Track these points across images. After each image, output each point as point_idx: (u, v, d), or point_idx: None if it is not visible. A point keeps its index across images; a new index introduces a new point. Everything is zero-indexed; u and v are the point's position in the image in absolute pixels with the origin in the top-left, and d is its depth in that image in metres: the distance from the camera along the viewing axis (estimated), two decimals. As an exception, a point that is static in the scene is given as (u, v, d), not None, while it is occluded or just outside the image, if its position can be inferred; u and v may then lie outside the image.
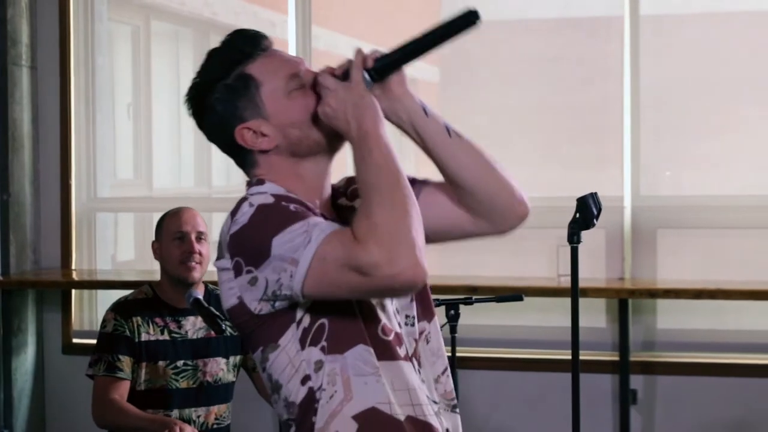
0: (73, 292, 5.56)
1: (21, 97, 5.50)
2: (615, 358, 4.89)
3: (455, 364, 4.11)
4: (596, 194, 3.54)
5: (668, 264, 5.02)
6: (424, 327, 2.24)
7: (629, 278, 5.00)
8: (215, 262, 2.15)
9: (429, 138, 2.22)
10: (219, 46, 2.22)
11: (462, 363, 4.26)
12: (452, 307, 4.07)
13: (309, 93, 2.17)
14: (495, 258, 5.05)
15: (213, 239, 3.97)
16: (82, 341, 5.50)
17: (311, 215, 2.05)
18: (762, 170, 5.01)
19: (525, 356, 5.06)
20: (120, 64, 6.02)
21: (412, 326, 2.21)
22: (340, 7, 5.91)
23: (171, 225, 4.07)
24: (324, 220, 2.05)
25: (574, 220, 3.54)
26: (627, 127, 5.03)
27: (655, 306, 5.00)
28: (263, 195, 2.10)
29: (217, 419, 4.08)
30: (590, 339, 4.77)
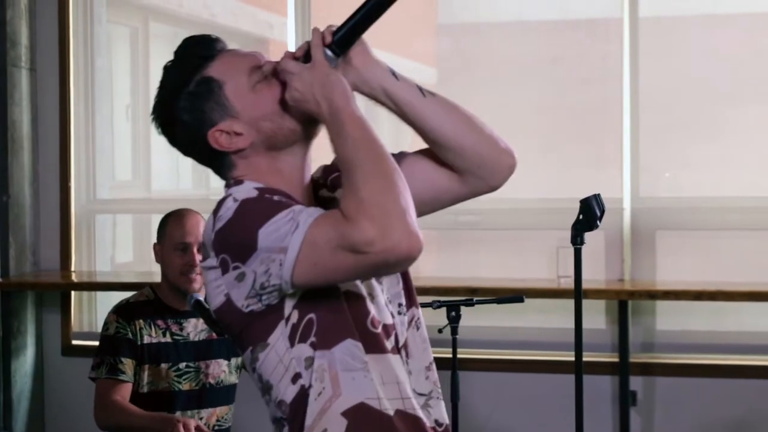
0: (72, 293, 5.55)
1: (20, 99, 5.50)
2: (615, 360, 4.89)
3: (456, 365, 4.12)
4: (599, 196, 3.54)
5: (667, 265, 5.02)
6: (414, 313, 2.21)
7: (629, 279, 5.00)
8: (201, 263, 2.12)
9: (403, 101, 2.18)
10: (173, 58, 2.18)
11: (462, 364, 4.26)
12: (453, 308, 4.07)
13: (274, 82, 2.13)
14: (495, 259, 5.06)
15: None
16: (81, 343, 5.50)
17: (294, 204, 2.01)
18: (761, 171, 5.01)
19: (525, 358, 5.06)
20: (118, 66, 6.01)
21: (403, 315, 2.18)
22: (340, 9, 5.90)
23: (174, 233, 4.05)
24: (309, 208, 2.00)
25: (577, 222, 3.54)
26: (626, 129, 5.03)
27: (655, 307, 5.00)
28: (246, 189, 2.06)
29: (218, 421, 4.08)
30: (590, 340, 4.74)
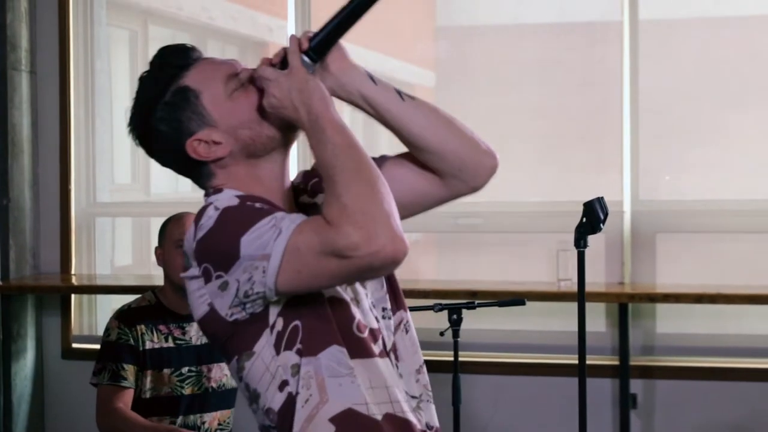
0: (72, 297, 5.55)
1: (20, 102, 5.50)
2: (615, 363, 4.90)
3: (458, 368, 4.12)
4: (602, 199, 3.54)
5: (667, 268, 5.03)
6: (402, 316, 2.20)
7: (629, 283, 5.00)
8: (182, 273, 2.09)
9: (382, 106, 2.17)
10: (149, 69, 2.17)
11: (463, 367, 4.26)
12: (455, 311, 4.07)
13: (251, 90, 2.11)
14: (495, 262, 5.06)
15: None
16: (81, 346, 5.49)
17: (276, 210, 2.00)
18: (761, 175, 5.02)
19: (526, 361, 5.06)
20: (118, 69, 6.01)
21: (389, 319, 2.17)
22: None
23: (174, 232, 4.06)
24: (291, 214, 1.99)
25: (580, 225, 3.54)
26: (626, 132, 5.03)
27: (655, 310, 5.00)
28: (227, 196, 2.05)
29: (220, 425, 4.08)
30: (590, 343, 4.72)
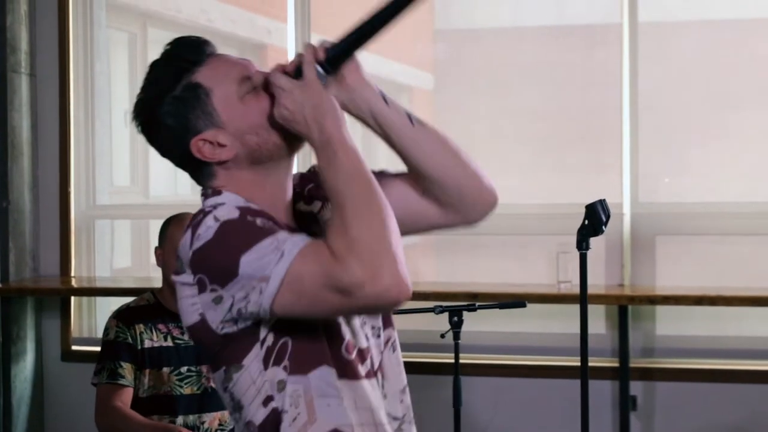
0: (72, 299, 5.55)
1: (20, 105, 5.50)
2: (615, 365, 4.90)
3: (458, 370, 4.12)
4: (605, 201, 3.55)
5: (667, 270, 5.03)
6: (390, 334, 2.18)
7: (629, 285, 5.01)
8: (174, 276, 2.05)
9: (391, 127, 2.13)
10: (161, 58, 2.10)
11: (463, 369, 4.26)
12: (455, 313, 4.08)
13: (262, 95, 2.06)
14: (495, 264, 5.06)
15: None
16: (81, 348, 5.50)
17: (279, 230, 1.95)
18: (761, 177, 5.03)
19: (526, 363, 5.06)
20: (117, 72, 6.01)
21: (378, 337, 2.15)
22: (340, 14, 5.91)
23: (175, 234, 4.05)
24: (293, 235, 1.95)
25: (582, 227, 3.54)
26: (626, 134, 5.04)
27: (654, 312, 5.01)
28: (226, 207, 1.99)
29: (221, 425, 4.08)
30: (590, 345, 4.74)
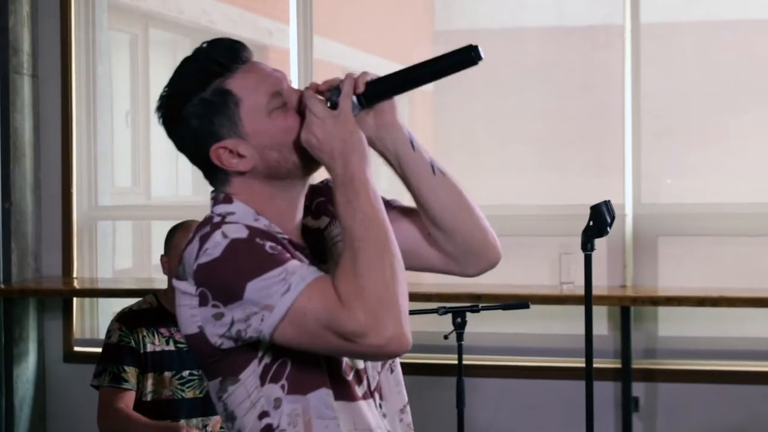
0: (74, 300, 5.55)
1: (22, 106, 5.50)
2: (617, 366, 4.90)
3: (462, 371, 4.12)
4: (609, 202, 3.55)
5: (669, 271, 5.03)
6: None
7: (631, 286, 5.01)
8: (175, 280, 2.05)
9: (412, 173, 2.13)
10: (195, 56, 2.08)
11: (466, 370, 4.25)
12: (459, 314, 4.07)
13: (291, 113, 2.04)
14: (498, 266, 5.05)
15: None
16: (83, 349, 5.50)
17: (288, 258, 1.95)
18: (763, 177, 5.02)
19: (529, 364, 5.07)
20: (118, 73, 6.02)
21: None
22: (341, 16, 5.92)
23: (181, 244, 4.03)
24: (302, 265, 1.95)
25: (587, 228, 3.54)
26: (628, 135, 5.04)
27: (657, 313, 5.01)
28: (236, 226, 1.98)
29: (222, 428, 4.08)
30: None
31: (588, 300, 3.60)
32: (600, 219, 3.50)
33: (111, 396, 3.96)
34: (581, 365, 3.97)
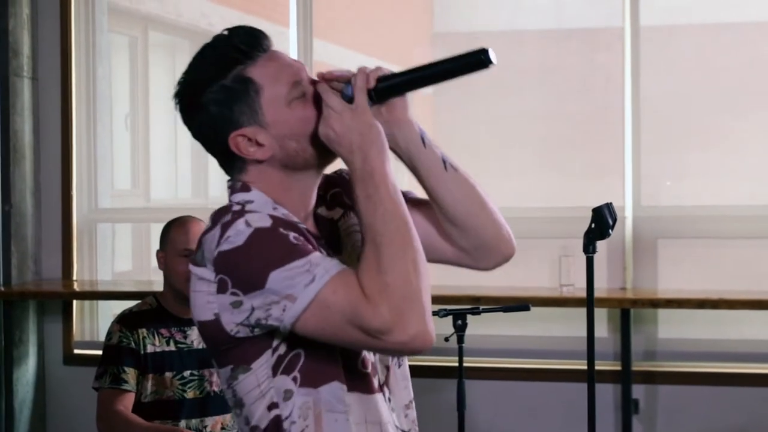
0: (74, 302, 5.55)
1: (22, 108, 5.50)
2: (617, 368, 4.90)
3: (462, 374, 4.12)
4: (611, 204, 3.56)
5: (669, 274, 5.03)
6: None
7: (631, 288, 5.01)
8: (192, 265, 2.03)
9: (424, 169, 2.14)
10: (215, 43, 2.06)
11: (466, 373, 4.26)
12: (459, 316, 4.08)
13: (309, 104, 2.04)
14: (497, 268, 5.05)
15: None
16: (83, 352, 5.50)
17: (311, 250, 1.95)
18: (762, 180, 5.03)
19: (529, 366, 5.06)
20: (118, 75, 6.02)
21: None
22: (341, 19, 5.92)
23: (178, 239, 4.04)
24: (325, 258, 1.95)
25: (589, 230, 3.55)
26: (628, 138, 5.05)
27: (657, 316, 5.01)
28: (259, 214, 1.98)
29: (223, 429, 4.07)
30: (592, 348, 4.79)
31: (590, 302, 3.60)
32: (602, 221, 3.50)
33: (110, 398, 3.96)
34: (582, 367, 3.97)
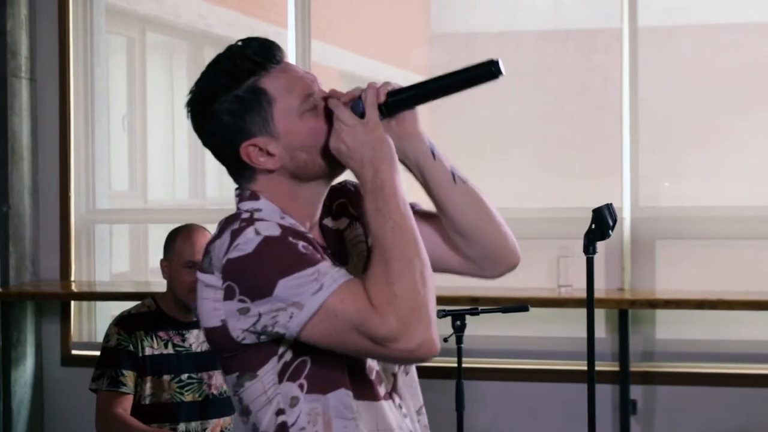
0: (72, 303, 5.55)
1: (20, 109, 5.50)
2: (615, 369, 4.90)
3: (461, 374, 4.12)
4: (611, 205, 3.56)
5: (667, 274, 5.04)
6: None
7: (629, 289, 5.01)
8: (200, 273, 2.06)
9: (434, 182, 2.17)
10: (229, 53, 2.09)
11: (465, 373, 4.26)
12: (458, 317, 4.07)
13: (321, 116, 2.07)
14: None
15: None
16: (81, 353, 5.49)
17: (320, 259, 1.98)
18: (761, 181, 5.03)
19: (528, 367, 5.06)
20: (116, 76, 6.01)
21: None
22: (340, 19, 5.92)
23: (184, 251, 4.02)
24: (333, 267, 1.98)
25: (590, 231, 3.55)
26: (626, 139, 5.04)
27: (655, 316, 5.01)
28: (269, 223, 2.01)
29: (222, 431, 4.08)
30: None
31: (590, 303, 3.60)
32: (602, 222, 3.50)
33: (109, 400, 3.96)
34: (580, 368, 3.97)
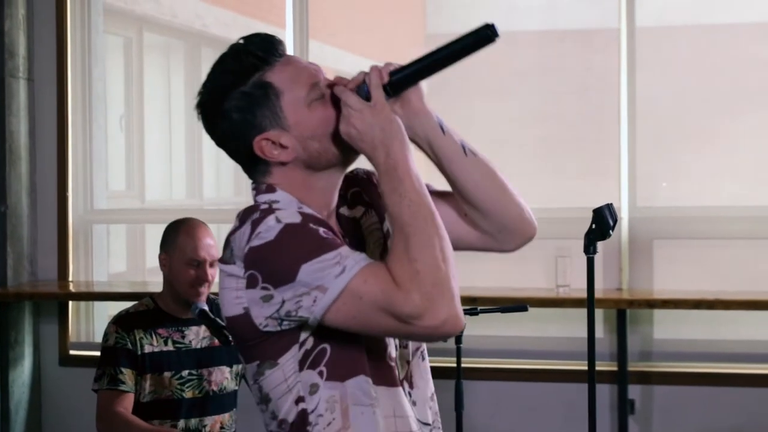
0: (70, 303, 5.54)
1: (18, 109, 5.49)
2: (613, 369, 4.90)
3: (460, 374, 4.12)
4: (611, 205, 3.56)
5: (665, 274, 5.04)
6: (419, 344, 2.21)
7: (627, 289, 5.02)
8: (221, 264, 2.08)
9: (444, 156, 2.18)
10: (232, 51, 2.10)
11: (464, 373, 4.27)
12: (457, 317, 4.07)
13: (329, 104, 2.09)
14: (494, 269, 5.06)
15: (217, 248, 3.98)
16: (79, 353, 5.49)
17: (341, 244, 1.99)
18: (758, 181, 5.05)
19: (526, 366, 5.07)
20: (113, 76, 6.02)
21: (405, 348, 2.18)
22: (338, 18, 5.93)
23: (186, 247, 4.00)
24: (354, 251, 1.99)
25: (590, 231, 3.55)
26: (623, 139, 5.05)
27: (652, 316, 5.02)
28: (289, 211, 2.02)
29: (222, 428, 4.08)
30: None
31: (590, 303, 3.60)
32: (602, 222, 3.50)
33: (109, 399, 3.96)
34: (579, 368, 3.97)
